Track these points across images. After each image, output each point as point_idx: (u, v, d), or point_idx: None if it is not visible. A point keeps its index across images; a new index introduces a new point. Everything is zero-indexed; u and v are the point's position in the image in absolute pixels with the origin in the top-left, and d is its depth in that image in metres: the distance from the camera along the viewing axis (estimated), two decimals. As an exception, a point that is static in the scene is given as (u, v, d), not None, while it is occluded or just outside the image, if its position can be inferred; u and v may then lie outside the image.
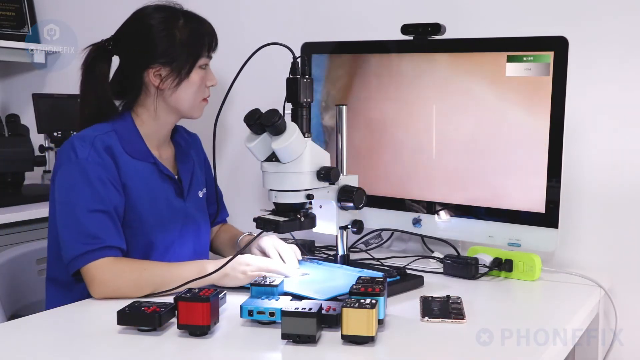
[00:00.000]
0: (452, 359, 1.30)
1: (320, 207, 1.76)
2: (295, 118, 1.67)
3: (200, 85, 1.78)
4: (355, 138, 2.02)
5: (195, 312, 1.34)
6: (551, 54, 1.72)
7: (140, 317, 1.36)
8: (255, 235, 1.74)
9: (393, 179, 1.99)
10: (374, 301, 1.31)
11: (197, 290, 1.40)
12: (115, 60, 1.81)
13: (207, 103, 1.83)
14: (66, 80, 2.91)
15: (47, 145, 2.75)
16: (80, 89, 1.79)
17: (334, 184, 1.70)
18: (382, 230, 2.05)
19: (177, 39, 1.74)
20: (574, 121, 1.85)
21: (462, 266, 1.79)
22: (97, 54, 1.77)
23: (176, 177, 1.84)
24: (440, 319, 1.45)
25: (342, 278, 1.68)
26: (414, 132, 1.94)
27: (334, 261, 1.82)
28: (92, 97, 1.77)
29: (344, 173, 1.79)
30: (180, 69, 1.74)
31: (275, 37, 1.72)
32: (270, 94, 2.02)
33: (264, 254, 1.76)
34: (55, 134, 2.71)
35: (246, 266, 1.63)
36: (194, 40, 1.75)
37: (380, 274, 1.61)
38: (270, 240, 1.77)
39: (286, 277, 1.64)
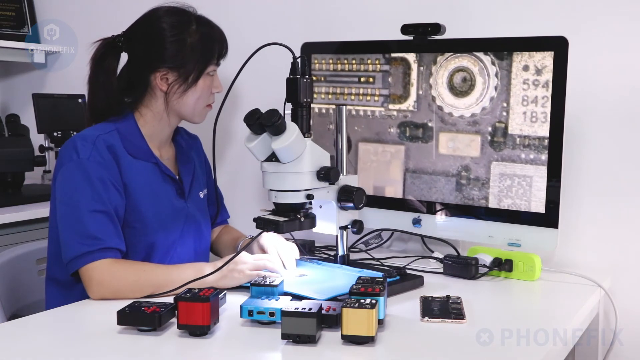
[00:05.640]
0: (452, 359, 1.30)
1: (320, 207, 1.76)
2: (295, 118, 1.67)
3: (206, 91, 1.78)
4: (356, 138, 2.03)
5: (195, 312, 1.34)
6: (551, 54, 1.72)
7: (140, 317, 1.36)
8: (254, 236, 1.74)
9: (393, 178, 1.99)
10: (374, 301, 1.31)
11: (197, 290, 1.40)
12: (123, 56, 1.81)
13: (211, 109, 1.83)
14: (66, 80, 2.92)
15: (47, 145, 2.74)
16: (88, 83, 1.78)
17: (333, 184, 1.70)
18: (382, 230, 2.05)
19: (187, 44, 1.73)
20: (574, 121, 1.85)
21: (462, 266, 1.79)
22: (107, 50, 1.77)
23: (177, 177, 1.84)
24: (440, 319, 1.45)
25: (342, 278, 1.68)
26: (413, 112, 1.94)
27: (334, 261, 1.82)
28: (100, 92, 1.76)
29: (344, 173, 1.79)
30: (187, 76, 1.73)
31: (275, 37, 1.72)
32: (270, 94, 2.02)
33: (264, 251, 1.77)
34: (55, 134, 2.71)
35: (243, 265, 1.64)
36: (204, 47, 1.74)
37: (380, 274, 1.61)
38: (270, 238, 1.78)
39: (281, 275, 1.64)
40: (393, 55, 1.95)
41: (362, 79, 2.00)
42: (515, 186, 1.79)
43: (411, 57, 1.92)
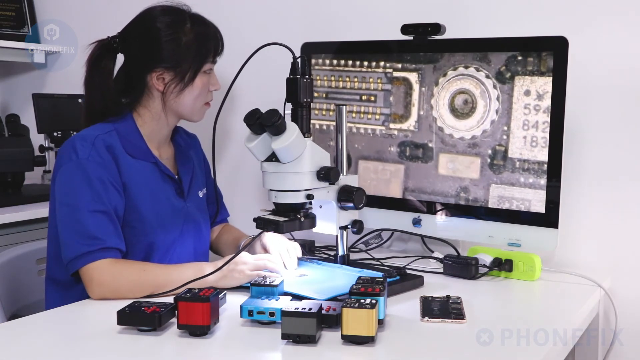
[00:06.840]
0: (452, 359, 1.30)
1: (320, 207, 1.76)
2: (295, 118, 1.67)
3: (203, 89, 1.78)
4: (356, 138, 2.03)
5: (195, 312, 1.34)
6: (551, 54, 1.72)
7: (140, 317, 1.36)
8: (254, 236, 1.74)
9: (393, 179, 1.99)
10: (374, 301, 1.31)
11: (197, 290, 1.40)
12: (120, 57, 1.80)
13: (210, 107, 1.83)
14: (66, 80, 2.92)
15: (47, 145, 2.75)
16: (84, 85, 1.78)
17: (334, 184, 1.70)
18: (382, 230, 2.05)
19: (182, 44, 1.73)
20: (574, 121, 1.85)
21: (462, 266, 1.79)
22: (102, 51, 1.77)
23: (176, 177, 1.84)
24: (440, 319, 1.45)
25: (342, 278, 1.68)
26: (414, 132, 1.94)
27: (334, 261, 1.82)
28: (97, 94, 1.76)
29: (344, 173, 1.79)
30: (184, 74, 1.73)
31: (275, 37, 1.72)
32: (270, 94, 2.02)
33: (266, 251, 1.77)
34: (55, 134, 2.71)
35: (243, 265, 1.64)
36: (199, 45, 1.74)
37: (380, 274, 1.61)
38: (273, 238, 1.78)
39: (281, 275, 1.64)
40: (395, 74, 1.95)
41: (364, 97, 2.01)
42: (514, 209, 1.80)
43: (413, 77, 1.92)
